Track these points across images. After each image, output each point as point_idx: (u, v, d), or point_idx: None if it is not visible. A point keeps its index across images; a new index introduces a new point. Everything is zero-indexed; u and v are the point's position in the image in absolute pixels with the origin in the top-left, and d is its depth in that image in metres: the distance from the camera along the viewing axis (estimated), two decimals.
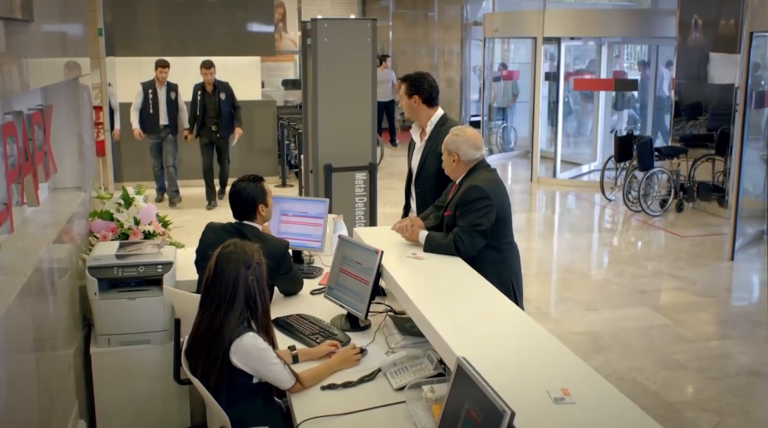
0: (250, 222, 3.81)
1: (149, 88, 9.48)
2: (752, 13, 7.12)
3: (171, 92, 9.58)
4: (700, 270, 7.38)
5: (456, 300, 3.16)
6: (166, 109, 9.56)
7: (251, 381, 2.88)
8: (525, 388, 2.31)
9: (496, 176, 3.91)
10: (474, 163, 3.88)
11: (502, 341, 2.71)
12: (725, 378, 5.04)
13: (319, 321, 3.65)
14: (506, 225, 3.90)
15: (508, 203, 3.91)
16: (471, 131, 3.97)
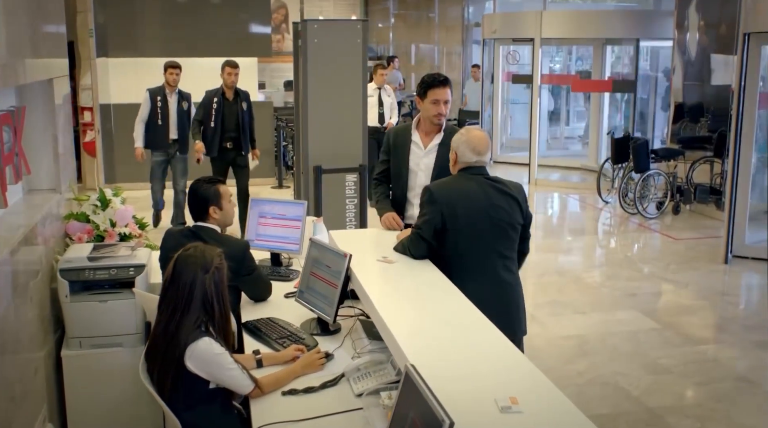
0: (205, 223, 3.79)
1: (157, 95, 8.13)
2: (746, 15, 7.05)
3: (183, 101, 8.24)
4: (693, 274, 7.31)
5: (419, 305, 3.12)
6: (177, 120, 8.18)
7: (208, 386, 2.85)
8: (474, 396, 2.27)
9: (470, 185, 3.54)
10: (467, 166, 3.60)
11: (459, 348, 2.66)
12: (710, 383, 4.97)
13: (289, 325, 3.62)
14: (459, 242, 3.51)
15: (474, 219, 3.48)
16: (477, 133, 3.66)
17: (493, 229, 3.50)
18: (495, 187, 3.56)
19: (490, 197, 3.52)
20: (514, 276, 3.61)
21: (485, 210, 3.49)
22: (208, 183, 3.93)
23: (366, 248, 3.93)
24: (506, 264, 3.57)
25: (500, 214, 3.50)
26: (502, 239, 3.53)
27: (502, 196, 3.53)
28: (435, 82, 4.22)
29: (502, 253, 3.55)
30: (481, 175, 3.59)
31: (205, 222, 3.86)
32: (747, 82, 7.19)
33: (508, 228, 3.54)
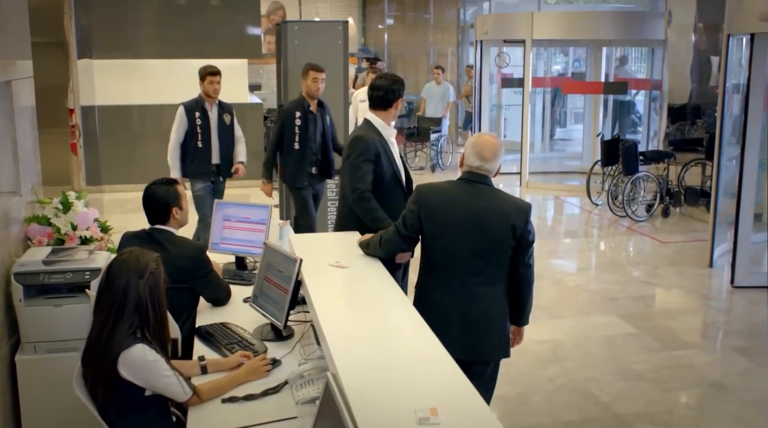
0: (164, 226, 3.75)
1: (195, 110, 6.54)
2: (730, 16, 6.97)
3: (225, 115, 6.69)
4: (677, 278, 7.23)
5: (361, 311, 3.07)
6: (219, 140, 6.62)
7: (143, 393, 2.80)
8: (395, 407, 2.21)
9: (459, 192, 3.37)
10: (469, 170, 3.39)
11: (391, 357, 2.61)
12: (682, 389, 4.91)
13: (241, 330, 3.57)
14: (434, 247, 3.42)
15: (452, 228, 3.33)
16: (487, 138, 3.44)
17: (473, 242, 3.31)
18: (488, 200, 3.34)
19: (476, 209, 3.31)
20: (491, 294, 3.38)
21: (467, 221, 3.31)
22: (165, 184, 3.90)
23: (324, 252, 3.87)
24: (483, 280, 3.36)
25: (483, 228, 3.29)
26: (482, 255, 3.32)
27: (491, 211, 3.31)
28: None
29: (480, 269, 3.34)
30: (481, 184, 3.36)
31: (164, 224, 3.82)
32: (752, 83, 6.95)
33: (489, 245, 3.31)
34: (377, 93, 4.35)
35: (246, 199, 10.23)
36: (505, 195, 3.43)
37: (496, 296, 3.39)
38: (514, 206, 3.35)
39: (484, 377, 3.44)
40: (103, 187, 10.16)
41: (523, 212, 3.33)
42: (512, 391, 4.86)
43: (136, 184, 10.40)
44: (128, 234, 3.93)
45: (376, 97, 4.36)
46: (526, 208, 3.36)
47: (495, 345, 3.41)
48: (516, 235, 3.28)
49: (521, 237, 3.30)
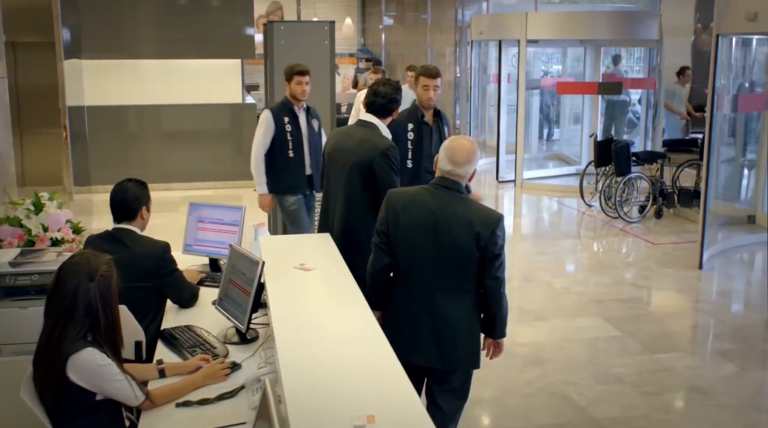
0: (128, 225, 3.74)
1: (283, 115, 5.81)
2: (719, 16, 6.91)
3: (312, 120, 5.98)
4: (665, 280, 7.18)
5: (318, 315, 3.03)
6: (309, 147, 5.91)
7: (94, 397, 2.77)
8: (333, 413, 2.18)
9: (427, 198, 3.26)
10: (441, 174, 3.30)
11: (339, 361, 2.57)
12: (662, 393, 4.85)
13: (205, 333, 3.54)
14: (399, 253, 3.31)
15: (415, 234, 3.25)
16: (461, 141, 3.32)
17: (436, 250, 3.23)
18: (453, 208, 3.23)
19: (440, 216, 3.22)
20: (457, 304, 3.28)
21: (429, 227, 3.22)
22: (137, 183, 3.90)
23: (292, 255, 3.83)
24: (449, 289, 3.26)
25: (445, 236, 3.20)
26: (445, 263, 3.23)
27: (455, 219, 3.20)
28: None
29: (444, 277, 3.25)
30: (450, 190, 3.26)
31: (130, 223, 3.81)
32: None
33: (452, 254, 3.21)
34: (380, 100, 4.29)
35: (239, 201, 10.22)
36: (475, 204, 3.30)
37: (463, 306, 3.28)
38: (481, 215, 3.22)
39: (452, 386, 3.40)
40: (96, 188, 10.16)
41: (490, 222, 3.20)
42: (488, 395, 4.82)
43: None
44: (92, 236, 3.93)
45: (378, 105, 4.29)
46: (494, 219, 3.22)
47: (462, 355, 3.33)
48: (480, 246, 3.17)
49: (486, 249, 3.18)
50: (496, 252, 3.20)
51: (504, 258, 3.25)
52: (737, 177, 9.67)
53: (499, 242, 3.20)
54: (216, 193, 10.76)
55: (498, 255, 3.21)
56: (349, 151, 4.15)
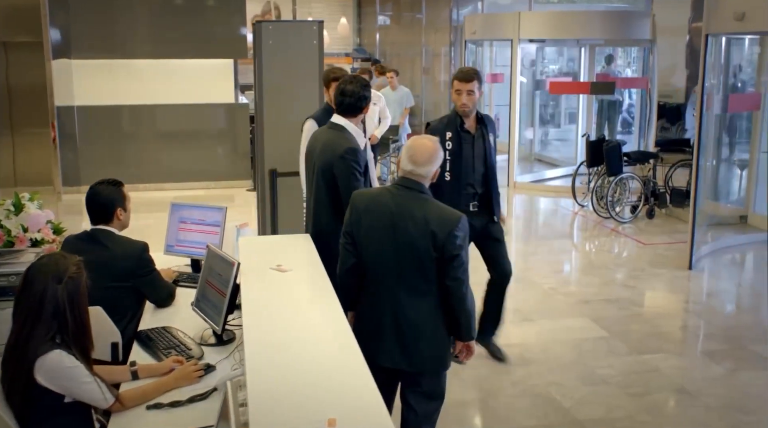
0: (106, 226, 3.73)
1: (326, 121, 4.82)
2: (708, 15, 6.89)
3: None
4: (654, 280, 7.15)
5: (289, 317, 3.01)
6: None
7: (62, 400, 2.75)
8: (296, 416, 2.16)
9: (386, 199, 3.26)
10: (402, 174, 3.29)
11: (306, 364, 2.55)
12: (646, 394, 4.83)
13: (181, 334, 3.52)
14: (362, 255, 3.30)
15: (375, 234, 3.24)
16: (422, 141, 3.31)
17: (395, 251, 3.22)
18: (412, 208, 3.20)
19: (398, 216, 3.20)
20: (419, 305, 3.26)
21: (387, 228, 3.22)
22: (110, 184, 3.90)
23: (271, 256, 3.81)
24: (410, 290, 3.25)
25: (402, 236, 3.19)
26: (404, 264, 3.21)
27: (412, 220, 3.18)
28: None
29: (405, 278, 3.24)
30: (412, 190, 3.23)
31: (107, 225, 3.81)
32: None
33: (409, 255, 3.19)
34: (348, 100, 4.15)
35: (231, 201, 10.20)
36: (434, 204, 3.26)
37: (426, 307, 3.26)
38: (438, 215, 3.19)
39: (423, 388, 3.38)
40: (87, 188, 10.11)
41: (447, 223, 3.16)
42: (472, 396, 4.80)
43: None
44: (71, 236, 3.93)
45: (347, 104, 4.17)
46: (452, 219, 3.18)
47: (427, 356, 3.31)
48: (437, 246, 3.14)
49: (443, 249, 3.14)
50: (454, 252, 3.16)
51: (465, 259, 3.21)
52: (729, 177, 9.64)
53: (458, 243, 3.16)
54: (208, 193, 10.74)
55: (457, 256, 3.17)
56: (315, 154, 4.14)
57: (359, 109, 4.22)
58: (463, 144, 4.76)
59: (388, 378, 3.37)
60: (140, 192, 10.56)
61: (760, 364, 5.33)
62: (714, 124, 8.33)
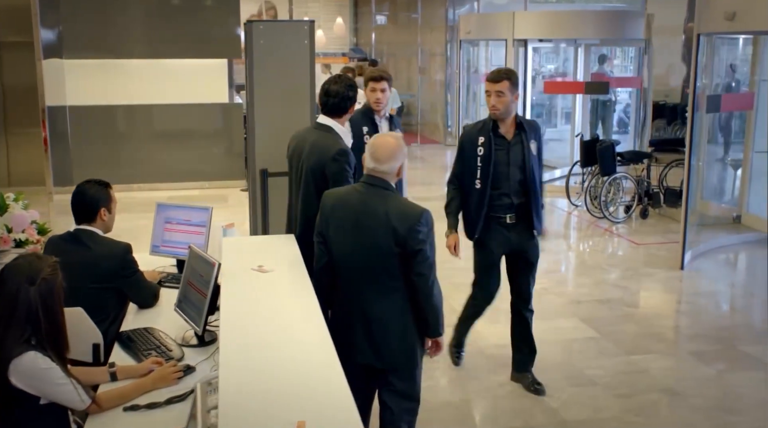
0: (89, 226, 3.73)
1: (363, 122, 5.05)
2: (699, 15, 6.88)
3: (395, 131, 5.14)
4: (646, 280, 7.14)
5: (266, 318, 2.99)
6: None
7: (38, 402, 2.73)
8: (266, 419, 2.14)
9: (352, 196, 3.30)
10: (366, 172, 3.29)
11: (280, 365, 2.53)
12: (634, 395, 4.81)
13: (163, 335, 3.51)
14: (332, 253, 3.32)
15: (342, 232, 3.27)
16: (384, 138, 3.33)
17: (359, 248, 3.25)
18: (375, 205, 3.22)
19: (361, 213, 3.24)
20: (386, 301, 3.27)
21: (351, 224, 3.26)
22: (98, 184, 3.90)
23: (253, 256, 3.79)
24: (377, 287, 3.27)
25: (365, 232, 3.22)
26: (368, 260, 3.23)
27: (373, 216, 3.21)
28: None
29: (371, 275, 3.26)
30: (376, 187, 3.24)
31: (90, 225, 3.80)
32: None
33: (372, 251, 3.21)
34: (332, 100, 4.12)
35: (224, 201, 10.19)
36: (397, 200, 3.27)
37: (393, 304, 3.27)
38: (399, 211, 3.19)
39: (396, 387, 3.37)
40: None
41: (408, 218, 3.16)
42: (458, 397, 4.79)
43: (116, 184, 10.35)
44: (54, 236, 3.92)
45: (332, 104, 4.13)
46: (413, 214, 3.17)
47: (396, 353, 3.32)
48: (398, 242, 3.14)
49: (405, 244, 3.14)
50: (416, 247, 3.15)
51: (429, 254, 3.20)
52: (723, 177, 9.64)
53: (420, 238, 3.15)
54: (202, 193, 10.73)
55: (419, 251, 3.16)
56: (303, 155, 4.11)
57: (344, 109, 4.18)
58: (496, 150, 4.46)
59: (366, 378, 3.40)
60: (134, 192, 10.57)
61: (750, 365, 5.32)
62: (707, 124, 8.34)
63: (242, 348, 2.63)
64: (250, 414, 2.15)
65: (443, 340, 3.45)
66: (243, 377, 2.38)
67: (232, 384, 2.27)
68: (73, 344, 3.39)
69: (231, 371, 2.41)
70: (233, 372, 2.40)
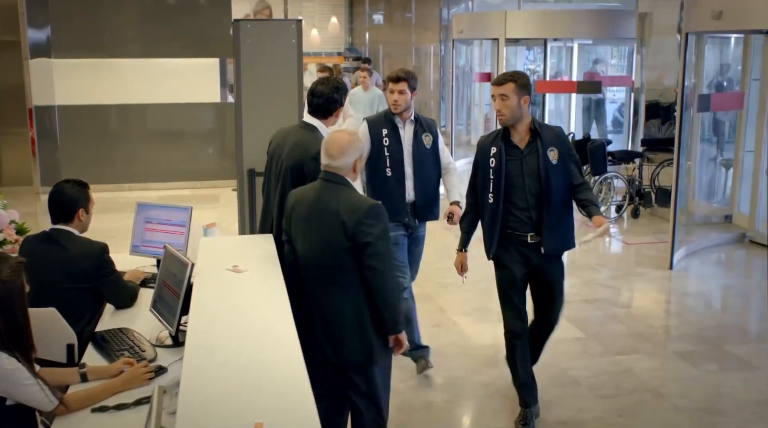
0: (66, 226, 3.71)
1: (383, 126, 4.75)
2: (687, 14, 6.86)
3: (425, 135, 4.76)
4: (635, 280, 7.12)
5: (235, 318, 2.96)
6: (414, 167, 4.74)
7: (4, 402, 2.71)
8: (224, 420, 2.12)
9: (310, 193, 3.33)
10: (322, 168, 3.35)
11: (243, 366, 2.50)
12: (617, 396, 4.79)
13: (137, 336, 3.49)
14: (296, 250, 3.38)
15: (301, 229, 3.33)
16: (337, 134, 3.38)
17: (314, 243, 3.29)
18: (327, 200, 3.26)
19: (314, 211, 3.29)
20: (343, 297, 3.29)
21: (305, 220, 3.33)
22: (77, 184, 3.88)
23: (229, 256, 3.76)
24: (333, 282, 3.29)
25: (319, 229, 3.26)
26: (323, 255, 3.26)
27: (324, 211, 3.26)
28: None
29: (327, 270, 3.28)
30: (330, 183, 3.30)
31: (67, 224, 3.77)
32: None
33: (324, 246, 3.25)
34: (317, 100, 4.10)
35: (215, 201, 10.17)
36: (348, 194, 3.27)
37: (348, 299, 3.28)
38: (348, 204, 3.21)
39: (360, 387, 3.37)
40: None
41: (356, 211, 3.18)
42: (441, 397, 4.76)
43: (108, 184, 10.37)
44: (30, 236, 3.90)
45: (315, 105, 4.12)
46: (360, 207, 3.20)
47: (355, 348, 3.32)
48: (348, 235, 3.16)
49: (354, 238, 3.16)
50: (364, 240, 3.16)
51: (380, 249, 3.19)
52: (714, 176, 9.61)
53: (368, 231, 3.16)
54: (194, 193, 10.71)
55: (368, 244, 3.16)
56: (284, 153, 4.09)
57: (329, 110, 4.13)
58: (508, 161, 4.04)
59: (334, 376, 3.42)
60: (125, 192, 10.55)
61: (735, 365, 5.30)
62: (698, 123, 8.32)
63: (207, 349, 2.61)
64: (208, 415, 2.13)
65: (404, 337, 3.41)
66: (205, 378, 2.36)
67: (193, 385, 2.25)
68: (47, 345, 3.38)
69: (193, 371, 2.39)
70: (195, 372, 2.38)
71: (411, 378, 4.96)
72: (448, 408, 4.66)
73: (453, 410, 4.66)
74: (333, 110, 4.14)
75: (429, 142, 4.76)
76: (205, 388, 2.29)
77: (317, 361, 3.28)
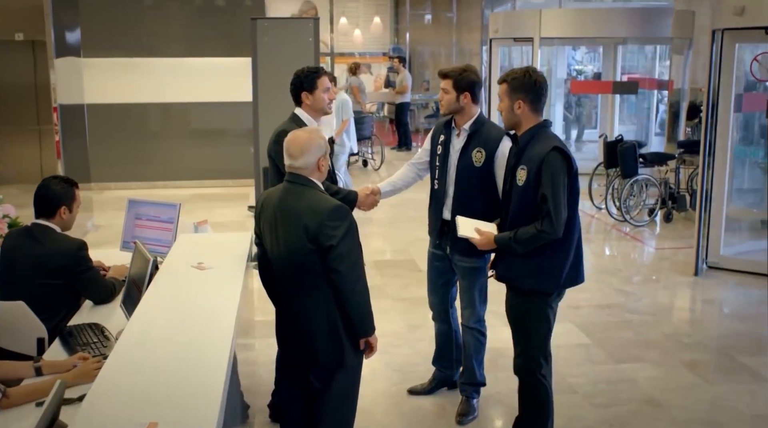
0: (47, 222, 3.75)
1: (441, 131, 4.27)
2: (713, 11, 6.61)
3: (475, 151, 4.05)
4: (653, 286, 6.90)
5: (177, 316, 2.95)
6: (456, 184, 4.14)
7: None
8: (122, 420, 2.09)
9: (276, 194, 3.26)
10: (287, 170, 3.26)
11: (162, 366, 2.49)
12: (613, 405, 4.63)
13: (105, 332, 3.50)
14: (267, 253, 3.30)
15: (266, 231, 3.26)
16: (297, 134, 3.23)
17: (280, 245, 3.20)
18: (291, 202, 3.17)
19: (278, 213, 3.20)
20: (312, 300, 3.19)
21: (270, 223, 3.24)
22: (63, 181, 3.93)
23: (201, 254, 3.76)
24: (300, 285, 3.20)
25: (283, 232, 3.17)
26: (289, 258, 3.18)
27: (287, 213, 3.16)
28: None
29: (294, 274, 3.19)
30: (295, 184, 3.19)
31: (48, 220, 3.82)
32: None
33: (290, 250, 3.16)
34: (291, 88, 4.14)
35: (247, 200, 10.23)
36: (311, 195, 3.17)
37: (317, 301, 3.19)
38: (311, 207, 3.12)
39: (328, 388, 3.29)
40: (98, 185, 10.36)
41: (319, 213, 3.09)
42: (431, 402, 4.68)
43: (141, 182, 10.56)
44: (12, 230, 3.96)
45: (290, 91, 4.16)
46: (323, 209, 3.10)
47: (324, 352, 3.23)
48: (311, 238, 3.08)
49: (317, 240, 3.07)
50: (327, 243, 3.06)
51: (345, 251, 3.09)
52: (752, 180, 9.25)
53: (332, 233, 3.06)
54: (225, 191, 10.81)
55: (333, 247, 3.06)
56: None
57: (294, 95, 4.11)
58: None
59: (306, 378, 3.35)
60: (158, 189, 10.70)
61: (745, 377, 5.07)
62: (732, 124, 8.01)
63: (137, 346, 2.59)
64: (108, 412, 2.11)
65: (375, 339, 3.33)
66: (122, 374, 2.34)
67: (105, 381, 2.23)
68: (16, 338, 3.43)
69: (112, 368, 2.37)
70: (114, 369, 2.36)
71: (402, 381, 4.89)
72: (439, 414, 4.54)
73: (443, 416, 4.55)
74: (297, 94, 4.09)
75: (480, 160, 4.03)
76: (116, 385, 2.28)
77: (290, 362, 3.26)
